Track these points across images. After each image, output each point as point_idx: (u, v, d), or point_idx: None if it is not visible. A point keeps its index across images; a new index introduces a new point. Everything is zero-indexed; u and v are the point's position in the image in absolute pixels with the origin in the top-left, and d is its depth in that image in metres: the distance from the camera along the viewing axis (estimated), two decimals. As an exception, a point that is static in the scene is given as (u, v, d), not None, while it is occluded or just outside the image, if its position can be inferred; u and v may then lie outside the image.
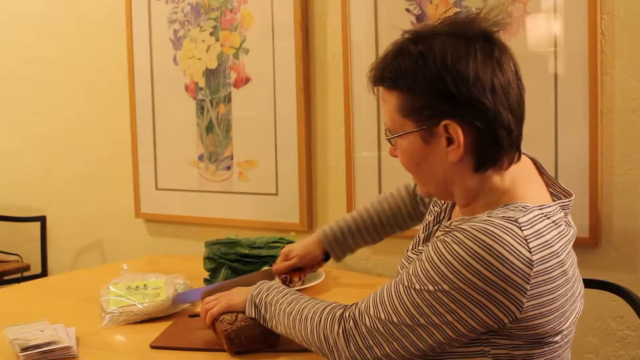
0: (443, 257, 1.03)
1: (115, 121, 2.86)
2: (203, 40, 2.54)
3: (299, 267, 1.74)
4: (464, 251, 1.01)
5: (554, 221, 1.08)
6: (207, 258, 2.01)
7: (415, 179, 1.20)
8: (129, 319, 1.63)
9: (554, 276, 1.04)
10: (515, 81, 1.09)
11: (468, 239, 1.02)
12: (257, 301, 1.37)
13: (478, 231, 1.01)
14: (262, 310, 1.35)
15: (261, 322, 1.36)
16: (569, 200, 1.16)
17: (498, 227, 1.01)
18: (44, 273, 3.01)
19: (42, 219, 3.06)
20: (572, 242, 1.13)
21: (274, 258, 1.93)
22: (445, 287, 1.02)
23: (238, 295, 1.43)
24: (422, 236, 1.31)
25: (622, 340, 1.88)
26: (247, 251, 1.96)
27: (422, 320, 1.06)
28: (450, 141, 1.08)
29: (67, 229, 3.09)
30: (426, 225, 1.32)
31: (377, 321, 1.11)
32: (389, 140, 1.17)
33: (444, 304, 1.04)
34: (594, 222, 1.84)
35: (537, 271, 1.02)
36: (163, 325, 1.59)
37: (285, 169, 2.40)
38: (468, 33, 1.08)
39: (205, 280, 1.99)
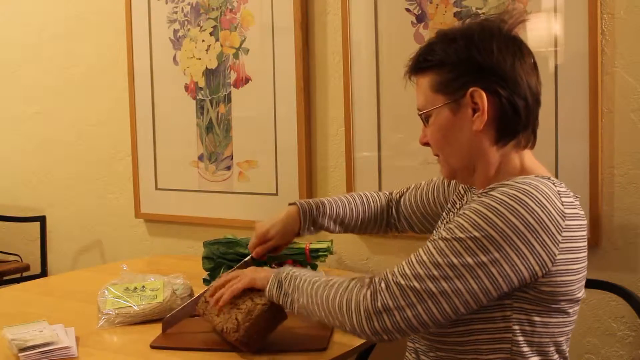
0: (489, 205, 1.12)
1: (115, 121, 2.85)
2: (203, 40, 2.54)
3: (275, 246, 1.63)
4: (509, 198, 1.11)
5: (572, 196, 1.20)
6: (206, 258, 2.01)
7: (442, 156, 1.27)
8: (125, 321, 1.63)
9: (578, 236, 1.15)
10: (533, 70, 1.22)
11: (512, 189, 1.12)
12: (282, 277, 1.33)
13: (521, 183, 1.13)
14: (286, 285, 1.32)
15: (281, 300, 1.32)
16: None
17: (537, 181, 1.14)
18: (43, 273, 3.00)
19: (42, 219, 3.06)
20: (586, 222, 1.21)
21: (273, 258, 1.93)
22: (490, 231, 1.10)
23: (261, 271, 1.42)
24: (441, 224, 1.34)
25: (622, 341, 1.88)
26: (246, 251, 1.95)
27: (462, 270, 1.11)
28: (475, 111, 1.20)
29: (67, 229, 3.09)
30: (447, 210, 1.39)
31: (413, 279, 1.13)
32: (421, 117, 1.27)
33: (486, 251, 1.10)
34: (594, 222, 1.84)
35: (568, 225, 1.13)
36: (162, 326, 1.59)
37: (285, 169, 2.40)
38: (492, 27, 1.22)
39: (204, 280, 1.99)
